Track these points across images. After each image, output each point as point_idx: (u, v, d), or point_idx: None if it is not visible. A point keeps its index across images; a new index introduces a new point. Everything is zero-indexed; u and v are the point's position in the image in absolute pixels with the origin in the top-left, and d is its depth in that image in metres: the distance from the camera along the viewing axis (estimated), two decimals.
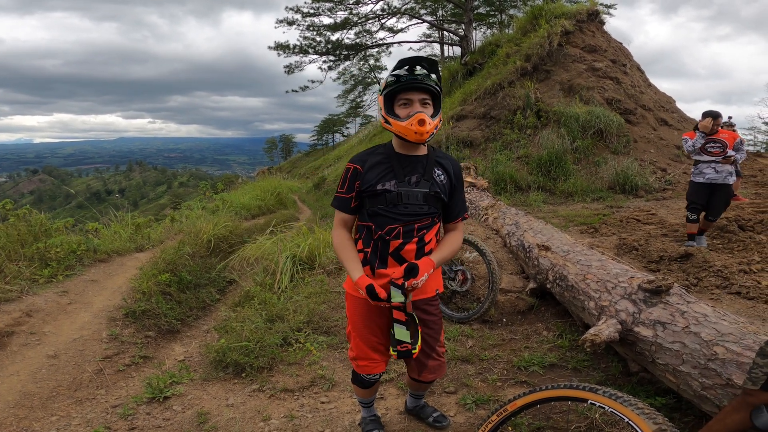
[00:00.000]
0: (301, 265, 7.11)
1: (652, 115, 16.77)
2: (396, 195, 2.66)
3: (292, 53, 30.18)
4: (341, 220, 2.82)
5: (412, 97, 2.57)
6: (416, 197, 2.68)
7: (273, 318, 5.38)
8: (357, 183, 2.72)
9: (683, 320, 3.11)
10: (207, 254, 8.30)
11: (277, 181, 25.38)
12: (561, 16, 18.79)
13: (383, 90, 2.64)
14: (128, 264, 7.60)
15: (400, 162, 2.71)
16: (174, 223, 11.38)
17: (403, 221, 2.68)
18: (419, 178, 2.69)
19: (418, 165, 2.72)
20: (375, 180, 2.67)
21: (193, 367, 4.79)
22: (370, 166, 2.71)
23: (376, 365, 2.92)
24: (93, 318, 5.53)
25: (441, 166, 2.79)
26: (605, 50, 18.18)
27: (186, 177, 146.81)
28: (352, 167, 2.74)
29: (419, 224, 2.71)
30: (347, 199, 2.75)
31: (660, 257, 6.12)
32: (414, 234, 2.71)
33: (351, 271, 2.68)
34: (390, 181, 2.67)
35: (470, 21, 28.78)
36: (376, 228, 2.70)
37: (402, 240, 2.69)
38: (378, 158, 2.74)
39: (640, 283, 3.65)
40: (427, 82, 2.56)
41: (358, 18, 29.88)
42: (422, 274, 2.55)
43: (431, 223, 2.77)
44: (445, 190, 2.77)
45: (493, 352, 4.52)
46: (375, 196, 2.68)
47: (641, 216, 9.16)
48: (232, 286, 7.53)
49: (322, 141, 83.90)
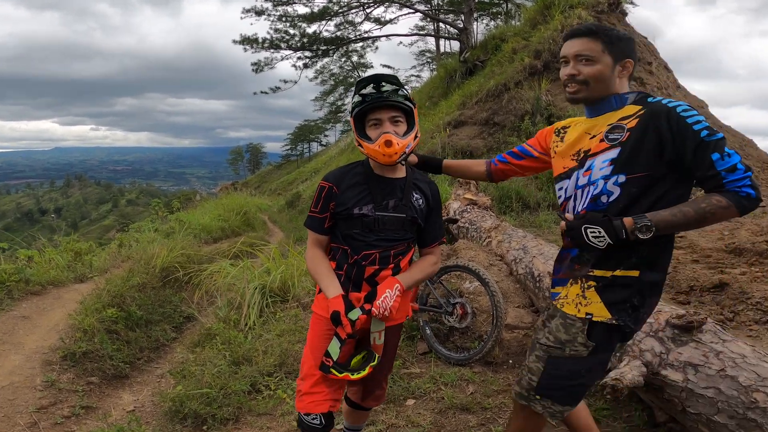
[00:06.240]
0: (272, 298, 7.09)
1: None
2: (373, 220, 2.87)
3: (261, 48, 30.15)
4: (316, 241, 3.01)
5: (381, 117, 2.78)
6: (393, 223, 2.90)
7: (239, 360, 5.38)
8: (332, 204, 2.90)
9: (718, 362, 3.14)
10: (160, 285, 8.29)
11: (243, 198, 25.33)
12: (577, 6, 18.72)
13: (351, 110, 2.86)
14: (66, 297, 7.58)
15: (378, 184, 2.92)
16: (121, 248, 11.36)
17: (379, 247, 2.89)
18: (397, 203, 2.91)
19: (396, 188, 2.94)
20: (351, 203, 2.87)
21: (144, 418, 4.78)
22: (346, 187, 2.91)
23: (321, 402, 2.88)
24: (25, 361, 5.50)
25: (419, 190, 3.02)
26: None
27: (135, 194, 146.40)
28: (327, 186, 2.92)
29: (395, 250, 2.93)
30: (321, 220, 2.94)
31: (690, 287, 6.16)
32: (390, 260, 2.93)
33: (326, 287, 2.86)
34: (367, 205, 2.88)
35: (471, 11, 28.62)
36: (352, 252, 2.90)
37: (378, 266, 2.90)
38: (355, 179, 2.93)
39: (667, 319, 3.67)
40: (396, 99, 2.75)
41: (340, 7, 29.89)
42: (382, 293, 2.77)
43: (407, 248, 3.00)
44: (422, 215, 3.01)
45: (497, 399, 4.53)
46: (350, 219, 2.88)
47: None
48: (190, 323, 7.52)
49: (296, 151, 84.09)
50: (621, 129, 2.49)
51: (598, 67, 2.56)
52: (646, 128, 2.41)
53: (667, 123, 2.36)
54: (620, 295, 2.49)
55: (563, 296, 2.61)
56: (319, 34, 30.54)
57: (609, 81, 2.59)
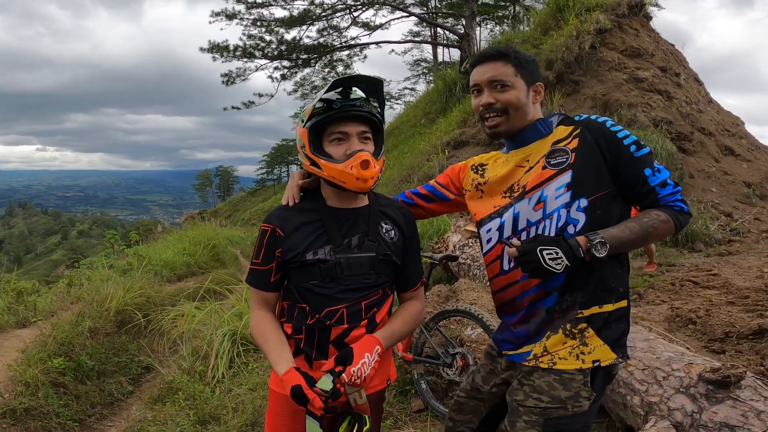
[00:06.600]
0: (244, 346, 7.05)
1: (714, 142, 16.99)
2: (333, 266, 2.59)
3: (233, 57, 30.33)
4: (261, 300, 2.76)
5: (347, 130, 2.55)
6: (361, 266, 2.62)
7: (205, 419, 5.34)
8: (277, 251, 2.66)
9: (759, 423, 3.12)
10: (115, 331, 8.22)
11: (211, 229, 25.21)
12: (594, 9, 18.67)
13: (307, 120, 2.59)
14: (6, 345, 7.50)
15: (336, 219, 2.67)
16: (70, 287, 11.27)
17: (346, 300, 2.60)
18: (362, 239, 2.65)
19: (359, 221, 2.69)
20: (302, 247, 2.61)
21: None
22: (294, 227, 2.65)
23: None
24: None
25: (388, 218, 2.77)
26: (652, 54, 18.32)
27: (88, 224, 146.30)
28: (269, 229, 2.68)
29: (367, 301, 2.64)
30: (265, 273, 2.71)
31: (725, 334, 6.15)
32: (362, 315, 2.63)
33: (275, 361, 2.57)
34: (323, 248, 2.61)
35: (472, 14, 28.91)
36: (311, 310, 2.61)
37: (346, 324, 2.60)
38: (304, 216, 2.68)
39: (700, 372, 3.66)
40: (368, 110, 2.56)
41: (323, 9, 30.17)
42: (360, 357, 2.46)
43: (382, 297, 2.71)
44: (398, 250, 2.74)
45: None
46: (304, 268, 2.61)
47: (699, 277, 9.21)
48: (149, 374, 7.47)
49: (272, 175, 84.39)
50: (563, 152, 2.53)
51: (514, 93, 2.59)
52: (589, 146, 2.48)
53: (603, 139, 2.46)
54: (618, 329, 2.54)
55: (540, 353, 2.55)
56: (299, 40, 30.77)
57: (527, 107, 2.63)
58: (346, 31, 31.82)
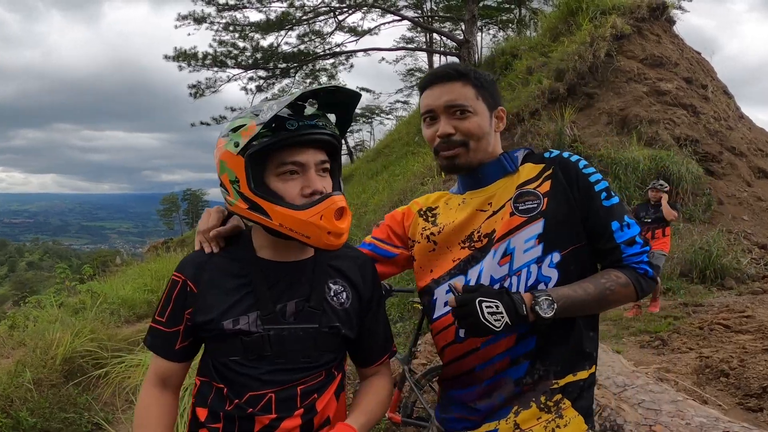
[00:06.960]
0: None
1: (746, 163, 17.05)
2: (260, 339, 2.18)
3: (202, 66, 30.27)
4: (159, 373, 2.34)
5: (304, 160, 2.13)
6: (298, 341, 2.21)
7: None
8: (187, 312, 2.26)
9: None
10: (62, 381, 8.14)
11: (177, 260, 25.05)
12: (611, 12, 18.59)
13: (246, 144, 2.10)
14: None
15: (266, 275, 2.26)
16: (13, 330, 11.19)
17: (276, 384, 2.18)
18: (301, 305, 2.24)
19: (301, 279, 2.29)
20: (219, 311, 2.19)
21: None
22: (211, 283, 2.26)
23: None
24: None
25: (339, 274, 2.39)
26: (676, 64, 18.37)
27: (38, 254, 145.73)
28: (180, 281, 2.30)
29: (305, 386, 2.22)
30: (169, 337, 2.29)
31: (762, 389, 6.10)
32: (297, 403, 2.20)
33: None
34: (248, 314, 2.19)
35: (473, 18, 29.12)
36: (230, 393, 2.19)
37: (275, 414, 2.17)
38: (226, 267, 2.30)
39: None
40: (330, 131, 2.19)
41: (304, 13, 30.15)
42: None
43: (326, 380, 2.30)
44: (350, 319, 2.35)
45: None
46: (222, 339, 2.21)
47: (731, 320, 9.18)
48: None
49: None
50: (534, 196, 2.39)
51: (476, 120, 2.42)
52: (563, 190, 2.37)
53: (576, 183, 2.37)
54: (590, 398, 2.46)
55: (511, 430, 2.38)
56: (277, 47, 30.79)
57: (489, 137, 2.48)
58: (330, 36, 31.97)
